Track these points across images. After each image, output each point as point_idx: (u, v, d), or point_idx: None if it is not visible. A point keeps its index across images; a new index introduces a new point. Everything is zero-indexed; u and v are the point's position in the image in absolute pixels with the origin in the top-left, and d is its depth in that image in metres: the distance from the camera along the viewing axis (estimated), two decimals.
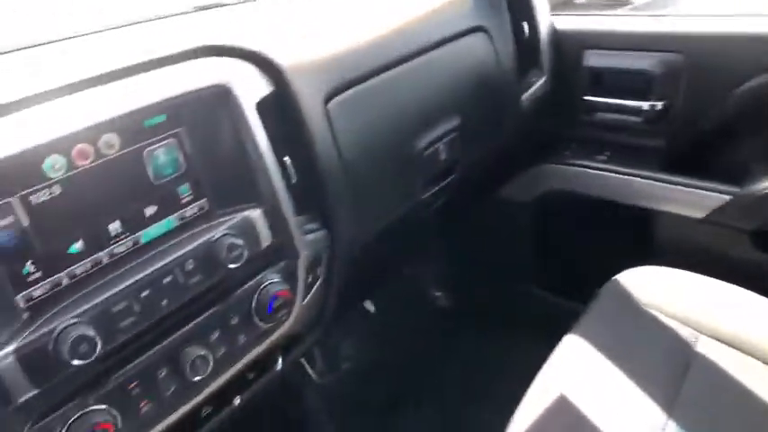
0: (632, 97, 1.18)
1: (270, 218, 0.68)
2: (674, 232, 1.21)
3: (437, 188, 1.02)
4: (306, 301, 0.74)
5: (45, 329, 0.54)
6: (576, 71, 1.23)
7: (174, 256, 0.63)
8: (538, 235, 1.46)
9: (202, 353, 0.64)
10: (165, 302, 0.62)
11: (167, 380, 0.63)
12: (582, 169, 1.28)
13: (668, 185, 1.19)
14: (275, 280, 0.69)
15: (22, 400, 0.53)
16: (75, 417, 0.56)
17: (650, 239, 1.26)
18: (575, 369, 0.94)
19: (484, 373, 1.54)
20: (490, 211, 1.50)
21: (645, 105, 1.16)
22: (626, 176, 1.22)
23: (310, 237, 0.75)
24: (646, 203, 1.21)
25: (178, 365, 0.63)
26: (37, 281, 0.55)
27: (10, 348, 0.52)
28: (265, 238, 0.67)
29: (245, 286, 0.67)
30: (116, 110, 0.59)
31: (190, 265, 0.64)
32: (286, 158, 0.74)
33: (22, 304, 0.55)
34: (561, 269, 1.50)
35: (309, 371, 1.56)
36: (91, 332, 0.55)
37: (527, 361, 0.89)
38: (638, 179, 1.20)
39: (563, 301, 1.47)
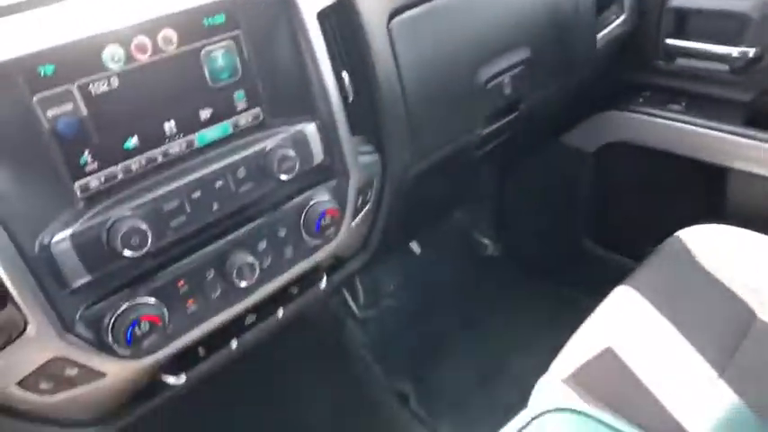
0: (721, 43, 1.08)
1: (323, 134, 0.66)
2: (745, 192, 1.13)
3: (498, 124, 0.98)
4: (354, 223, 0.73)
5: (99, 219, 0.55)
6: (659, 11, 1.14)
7: (227, 161, 0.62)
8: (597, 187, 1.40)
9: (249, 260, 0.64)
10: (215, 207, 0.62)
11: (214, 282, 0.64)
12: (653, 119, 1.20)
13: (747, 141, 1.10)
14: (325, 198, 0.68)
15: (76, 284, 0.55)
16: (125, 306, 0.57)
17: (718, 199, 1.19)
18: (623, 320, 0.90)
19: (527, 325, 1.53)
20: (549, 158, 1.45)
21: (735, 52, 1.07)
22: (701, 129, 1.14)
23: (363, 159, 0.73)
24: (719, 160, 1.13)
25: (225, 270, 0.64)
26: (93, 171, 0.56)
27: (67, 233, 0.53)
28: (318, 154, 0.66)
29: (295, 201, 0.66)
30: (176, 5, 0.58)
31: (242, 173, 0.63)
32: (344, 74, 0.71)
33: (78, 193, 0.56)
34: (618, 224, 1.44)
35: (351, 304, 1.58)
36: (143, 226, 0.55)
37: (573, 315, 0.86)
38: (715, 133, 1.12)
39: (617, 258, 1.42)
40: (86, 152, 0.56)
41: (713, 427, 0.71)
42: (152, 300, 0.59)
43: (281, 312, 0.73)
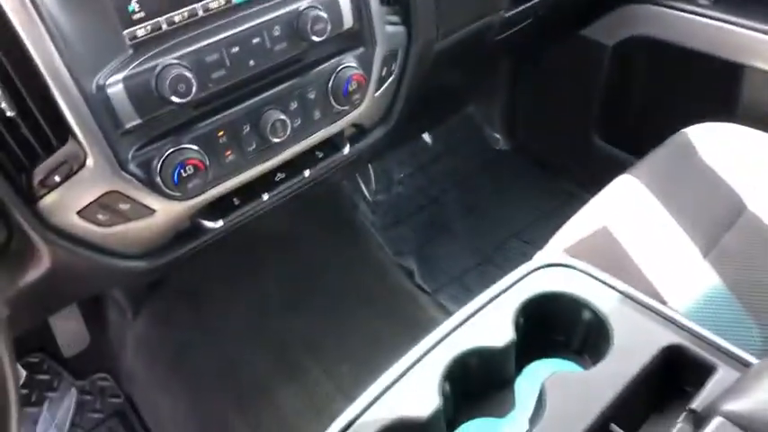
0: None
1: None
2: (760, 91, 1.15)
3: (523, 7, 0.98)
4: (378, 93, 0.77)
5: (148, 65, 0.59)
6: None
7: (263, 19, 0.65)
8: (612, 83, 1.41)
9: (282, 117, 0.69)
10: (251, 63, 0.66)
11: (250, 136, 0.69)
12: (678, 13, 1.19)
13: None
14: (352, 64, 0.71)
15: (129, 125, 0.60)
16: (171, 150, 0.63)
17: (732, 98, 1.21)
18: (621, 205, 0.97)
19: (529, 215, 1.60)
20: (566, 52, 1.45)
21: None
22: (725, 25, 1.14)
23: (390, 29, 0.75)
24: (739, 57, 1.14)
25: (260, 125, 0.69)
26: (140, 21, 0.60)
27: (119, 77, 0.58)
28: (348, 18, 0.69)
29: (325, 65, 0.69)
30: None
31: (276, 31, 0.67)
32: None
33: (127, 40, 0.60)
34: (630, 123, 1.47)
35: (363, 188, 1.65)
36: (188, 74, 0.60)
37: (576, 208, 0.91)
38: (738, 29, 1.12)
39: (626, 156, 1.46)
40: (134, 1, 0.59)
41: (691, 300, 0.78)
42: (195, 147, 0.64)
43: (307, 173, 0.79)
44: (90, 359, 1.17)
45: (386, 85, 0.77)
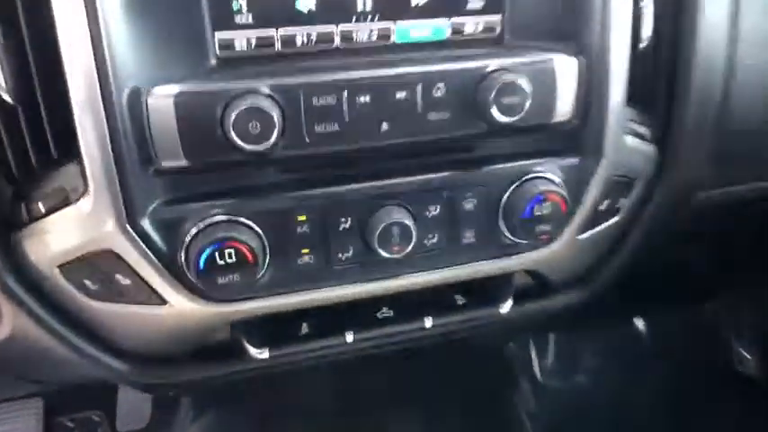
0: None
1: (583, 79, 0.45)
2: None
3: None
4: (585, 235, 0.48)
5: (221, 86, 0.38)
6: None
7: (423, 69, 0.41)
8: None
9: (406, 223, 0.43)
10: (384, 127, 0.42)
11: (348, 237, 0.44)
12: None
13: None
14: (550, 176, 0.43)
15: (165, 164, 0.39)
16: (213, 220, 0.40)
17: None
18: None
19: None
20: None
21: None
22: None
23: (631, 142, 0.46)
24: None
25: (368, 224, 0.43)
26: (243, 25, 0.40)
27: (172, 90, 0.38)
28: (565, 104, 0.42)
29: (503, 165, 0.46)
30: None
31: (439, 92, 0.42)
32: (644, 2, 0.45)
33: (216, 47, 0.39)
34: None
35: (534, 362, 1.27)
36: (271, 112, 0.37)
37: None
38: None
39: None
40: None
41: None
42: (252, 224, 0.40)
43: (429, 322, 0.49)
44: None
45: (602, 226, 0.50)
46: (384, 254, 0.43)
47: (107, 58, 0.36)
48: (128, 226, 0.39)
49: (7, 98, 0.37)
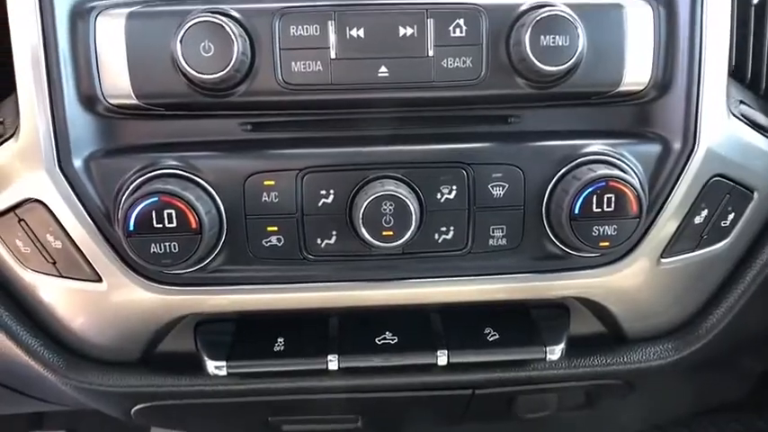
0: None
1: (662, 30, 0.34)
2: None
3: None
4: (675, 258, 0.37)
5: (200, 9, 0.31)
6: None
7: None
8: None
9: (402, 197, 0.32)
10: (382, 71, 0.33)
11: (328, 215, 0.34)
12: None
13: None
14: (616, 160, 0.31)
15: (112, 102, 0.32)
16: (156, 171, 0.32)
17: None
18: None
19: None
20: None
21: None
22: None
23: (744, 130, 0.36)
24: None
25: (356, 199, 0.33)
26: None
27: (124, 10, 0.32)
28: (637, 62, 0.34)
29: (552, 141, 0.35)
30: None
31: (457, 30, 0.32)
32: None
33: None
34: None
35: None
36: (239, 42, 0.30)
37: None
38: None
39: None
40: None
41: None
42: (204, 182, 0.32)
43: (443, 358, 0.36)
44: None
45: (701, 251, 0.37)
46: (370, 239, 0.32)
47: None
48: (57, 170, 0.32)
49: None
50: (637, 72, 0.33)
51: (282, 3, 0.32)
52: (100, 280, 0.35)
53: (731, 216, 0.36)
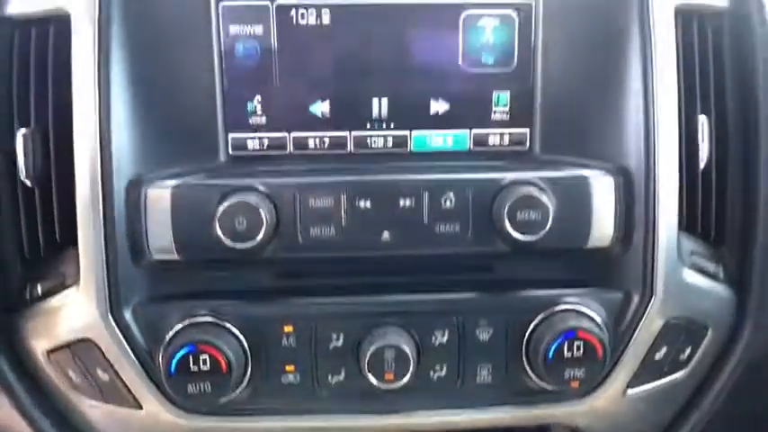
0: None
1: (621, 198, 0.39)
2: None
3: None
4: (639, 388, 0.40)
5: (218, 182, 0.38)
6: None
7: (430, 177, 0.39)
8: None
9: (403, 348, 0.37)
10: (385, 235, 0.38)
11: (339, 357, 0.39)
12: None
13: None
14: (585, 311, 0.36)
15: (156, 257, 0.38)
16: (190, 321, 0.38)
17: None
18: None
19: None
20: None
21: None
22: None
23: (696, 278, 0.40)
24: None
25: (362, 345, 0.38)
26: (257, 128, 0.40)
27: (169, 183, 0.38)
28: (601, 225, 0.38)
29: (530, 291, 0.39)
30: None
31: (448, 203, 0.38)
32: (701, 117, 0.40)
33: (230, 148, 0.40)
34: None
35: None
36: (260, 208, 0.36)
37: None
38: None
39: None
40: (257, 98, 0.40)
41: None
42: (234, 329, 0.38)
43: None
44: None
45: (661, 381, 0.41)
46: (374, 382, 0.37)
47: (113, 150, 0.38)
48: (109, 317, 0.38)
49: (27, 181, 0.40)
50: (601, 232, 0.39)
51: (303, 178, 0.39)
52: (140, 408, 0.40)
53: (688, 350, 0.42)
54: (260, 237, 0.36)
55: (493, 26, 0.40)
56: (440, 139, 0.41)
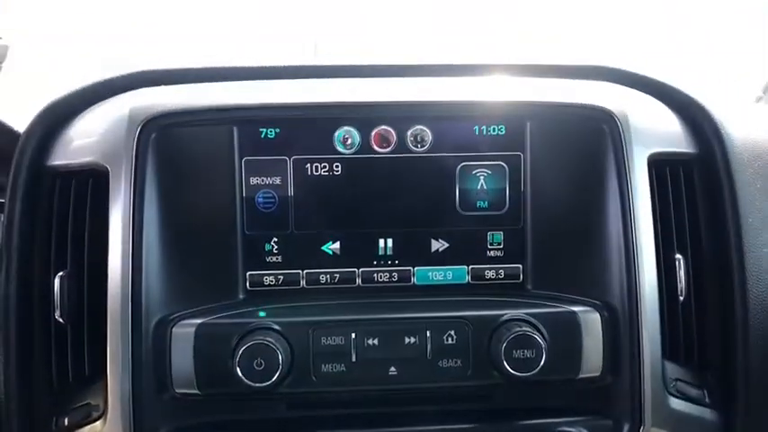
0: None
1: (608, 331, 0.42)
2: None
3: None
4: None
5: (239, 320, 0.41)
6: None
7: (432, 315, 0.43)
8: None
9: None
10: (392, 370, 0.41)
11: None
12: None
13: None
14: None
15: (179, 391, 0.41)
16: None
17: None
18: None
19: None
20: None
21: None
22: None
23: (681, 404, 0.43)
24: None
25: None
26: (273, 266, 0.44)
27: (194, 322, 0.42)
28: (591, 357, 0.40)
29: (527, 420, 0.41)
30: (439, 99, 0.45)
31: (449, 339, 0.42)
32: (678, 257, 0.44)
33: (247, 284, 0.44)
34: None
35: None
36: (275, 349, 0.39)
37: None
38: None
39: None
40: (274, 240, 0.44)
41: None
42: None
43: None
44: None
45: None
46: None
47: (143, 291, 0.41)
48: None
49: (60, 318, 0.43)
50: (591, 364, 0.42)
51: (316, 317, 0.43)
52: None
53: None
54: (276, 376, 0.39)
55: (486, 175, 0.45)
56: (440, 275, 0.45)
